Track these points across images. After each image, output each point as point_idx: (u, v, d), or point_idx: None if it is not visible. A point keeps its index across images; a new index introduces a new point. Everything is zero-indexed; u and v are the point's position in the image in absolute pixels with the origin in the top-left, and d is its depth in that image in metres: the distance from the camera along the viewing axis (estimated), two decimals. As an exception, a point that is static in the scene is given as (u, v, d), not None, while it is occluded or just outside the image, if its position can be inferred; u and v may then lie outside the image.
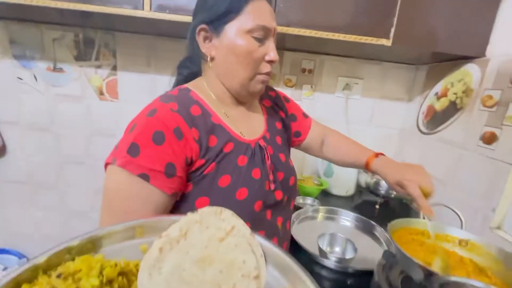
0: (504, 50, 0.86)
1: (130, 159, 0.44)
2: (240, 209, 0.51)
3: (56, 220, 1.44)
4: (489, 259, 0.58)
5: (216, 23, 0.52)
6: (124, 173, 0.44)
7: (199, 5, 0.56)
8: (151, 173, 0.45)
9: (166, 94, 0.53)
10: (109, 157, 0.46)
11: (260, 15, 0.52)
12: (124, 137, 0.47)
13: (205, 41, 0.55)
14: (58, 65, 1.24)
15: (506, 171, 0.80)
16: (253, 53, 0.53)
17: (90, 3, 0.85)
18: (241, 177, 0.53)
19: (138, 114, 0.50)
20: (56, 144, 1.32)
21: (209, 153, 0.50)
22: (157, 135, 0.45)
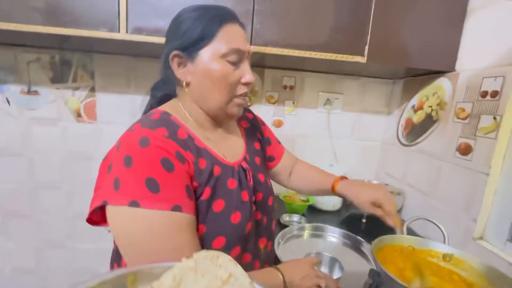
0: (471, 64, 0.91)
1: (155, 197, 0.41)
2: (236, 233, 0.53)
3: (29, 251, 1.34)
4: (473, 273, 0.57)
5: (190, 49, 0.52)
6: (155, 214, 0.41)
7: (171, 31, 0.55)
8: (181, 202, 0.44)
9: (147, 119, 0.51)
10: (117, 198, 0.41)
11: (233, 39, 0.53)
12: (123, 172, 0.42)
13: (180, 67, 0.54)
14: (33, 87, 1.20)
15: (483, 181, 0.82)
16: (229, 77, 0.53)
17: (65, 26, 0.84)
18: (234, 201, 0.53)
19: (122, 144, 0.45)
20: (29, 170, 1.26)
21: (201, 176, 0.50)
22: (165, 162, 0.44)
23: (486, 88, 0.83)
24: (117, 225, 0.43)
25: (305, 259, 0.62)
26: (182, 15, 0.54)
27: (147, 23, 0.86)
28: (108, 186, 0.43)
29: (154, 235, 0.42)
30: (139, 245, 0.42)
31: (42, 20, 0.83)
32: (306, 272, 0.56)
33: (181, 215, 0.43)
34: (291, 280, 0.54)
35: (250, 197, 0.57)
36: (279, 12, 0.89)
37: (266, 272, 0.55)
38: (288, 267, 0.57)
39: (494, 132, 0.79)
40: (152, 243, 0.42)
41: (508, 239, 0.77)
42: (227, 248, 0.51)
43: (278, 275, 0.54)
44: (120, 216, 0.42)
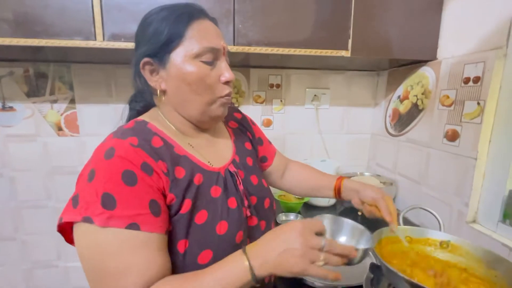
0: (452, 52, 0.92)
1: (110, 214, 0.38)
2: (222, 245, 0.49)
3: (16, 274, 1.28)
4: (469, 258, 0.58)
5: (159, 53, 0.48)
6: (108, 231, 0.39)
7: (138, 38, 0.52)
8: (139, 219, 0.40)
9: (120, 129, 0.48)
10: (72, 214, 0.39)
11: (205, 36, 0.49)
12: (84, 187, 0.40)
13: (152, 74, 0.51)
14: (7, 103, 1.14)
15: (472, 165, 0.83)
16: (206, 78, 0.50)
17: (37, 37, 0.80)
18: (218, 210, 0.50)
19: (92, 157, 0.43)
20: (11, 189, 1.20)
21: (178, 186, 0.46)
22: (126, 175, 0.40)
23: (468, 75, 0.85)
24: (75, 241, 0.41)
25: (294, 222, 0.41)
26: (148, 17, 0.50)
27: (124, 29, 0.82)
28: (69, 202, 0.41)
29: (104, 253, 0.39)
30: (90, 262, 0.40)
31: (11, 31, 0.79)
32: (290, 241, 0.39)
33: (137, 234, 0.40)
34: (264, 261, 0.39)
35: (240, 203, 0.54)
36: (260, 11, 0.88)
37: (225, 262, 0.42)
38: (262, 241, 0.42)
39: (479, 117, 0.81)
40: (102, 262, 0.39)
41: (499, 220, 0.79)
42: (215, 261, 0.47)
43: (240, 261, 0.40)
44: (75, 232, 0.41)
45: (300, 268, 0.39)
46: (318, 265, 0.39)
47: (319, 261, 0.39)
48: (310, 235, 0.40)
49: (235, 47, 0.88)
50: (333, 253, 0.41)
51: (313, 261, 0.39)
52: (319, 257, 0.39)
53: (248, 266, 0.39)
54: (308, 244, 0.39)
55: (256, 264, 0.39)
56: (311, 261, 0.39)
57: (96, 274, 0.40)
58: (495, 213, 0.80)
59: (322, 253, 0.40)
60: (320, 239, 0.40)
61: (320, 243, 0.40)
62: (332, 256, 0.40)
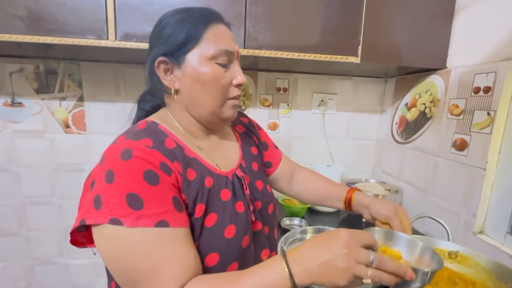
0: (462, 61, 0.92)
1: (138, 214, 0.39)
2: (230, 248, 0.49)
3: (18, 270, 1.28)
4: (479, 270, 0.57)
5: (175, 54, 0.49)
6: (138, 231, 0.39)
7: (154, 37, 0.52)
8: (166, 216, 0.41)
9: (132, 130, 0.48)
10: (97, 216, 0.39)
11: (221, 39, 0.50)
12: (105, 189, 0.40)
13: (167, 74, 0.51)
14: (17, 99, 1.15)
15: (480, 176, 0.83)
16: (220, 80, 0.51)
17: (50, 35, 0.80)
18: (228, 213, 0.50)
19: (106, 158, 0.43)
20: (16, 185, 1.20)
21: (190, 188, 0.46)
22: (148, 175, 0.41)
23: (478, 84, 0.85)
24: (100, 244, 0.41)
25: (340, 231, 0.38)
26: (164, 19, 0.51)
27: (136, 29, 0.83)
28: (89, 204, 0.40)
29: (137, 254, 0.39)
30: (122, 263, 0.40)
31: (24, 29, 0.79)
32: (334, 252, 0.36)
33: (167, 230, 0.40)
34: (305, 269, 0.37)
35: (247, 207, 0.54)
36: (271, 15, 0.88)
37: (264, 266, 0.40)
38: (303, 248, 0.39)
39: (489, 127, 0.80)
40: (136, 262, 0.39)
41: (507, 232, 0.78)
42: (222, 264, 0.48)
43: (280, 268, 0.38)
44: (101, 235, 0.40)
45: (345, 282, 0.35)
46: (365, 282, 0.35)
47: (366, 278, 0.35)
48: (356, 248, 0.37)
49: (245, 50, 0.89)
50: (383, 270, 0.36)
51: (358, 277, 0.35)
52: (366, 274, 0.35)
53: (288, 273, 0.37)
54: (353, 257, 0.36)
55: (297, 271, 0.37)
56: (356, 276, 0.35)
57: (130, 275, 0.40)
58: (503, 225, 0.79)
59: (370, 269, 0.36)
60: (368, 252, 0.36)
61: (367, 257, 0.36)
62: (382, 274, 0.36)
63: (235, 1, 0.86)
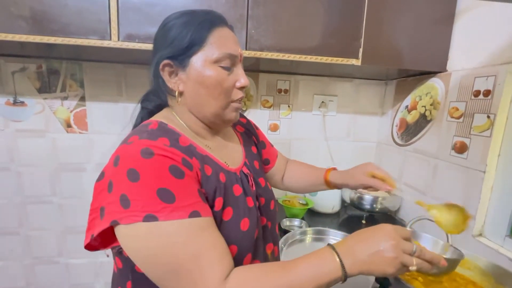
0: (463, 65, 0.93)
1: (172, 207, 0.39)
2: (246, 240, 0.51)
3: (18, 270, 1.28)
4: (478, 273, 0.58)
5: (180, 57, 0.50)
6: (174, 224, 0.39)
7: (158, 40, 0.53)
8: (197, 206, 0.42)
9: (144, 130, 0.48)
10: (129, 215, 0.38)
11: (225, 43, 0.51)
12: (131, 187, 0.39)
13: (171, 76, 0.52)
14: (19, 98, 1.15)
15: (480, 178, 0.83)
16: (223, 83, 0.51)
17: (53, 35, 0.81)
18: (241, 208, 0.52)
19: (122, 158, 0.41)
20: (17, 184, 1.20)
21: (208, 183, 0.48)
22: (174, 170, 0.42)
23: (478, 88, 0.85)
24: (131, 243, 0.41)
25: (385, 226, 0.43)
26: (168, 22, 0.52)
27: (139, 30, 0.84)
28: (114, 205, 0.39)
29: (175, 245, 0.40)
30: (162, 258, 0.40)
31: (28, 29, 0.80)
32: (383, 244, 0.40)
33: (200, 220, 0.42)
34: (355, 260, 0.40)
35: (255, 202, 0.57)
36: (273, 17, 0.89)
37: (314, 256, 0.42)
38: (351, 241, 0.42)
39: (489, 130, 0.81)
40: (175, 254, 0.40)
41: (507, 235, 0.78)
42: (239, 256, 0.49)
43: (331, 258, 0.41)
44: (135, 234, 0.40)
45: (393, 270, 0.40)
46: (411, 269, 0.40)
47: (412, 266, 0.40)
48: (401, 239, 0.41)
49: (247, 51, 0.89)
50: (423, 259, 0.41)
51: (405, 265, 0.40)
52: (412, 262, 0.40)
53: (340, 263, 0.40)
54: (400, 248, 0.40)
55: (347, 262, 0.40)
56: (404, 264, 0.40)
57: (170, 268, 0.40)
58: (502, 227, 0.79)
59: (414, 258, 0.41)
60: (411, 244, 0.41)
61: (412, 247, 0.41)
62: (423, 262, 0.41)
63: (237, 3, 0.86)
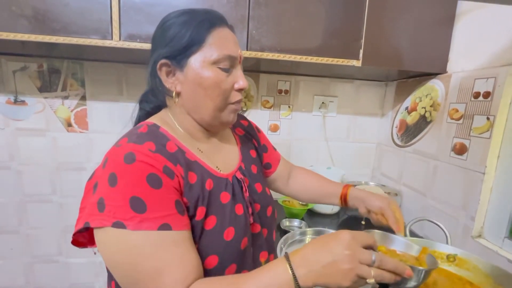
0: (462, 66, 0.93)
1: (141, 217, 0.39)
2: (229, 250, 0.49)
3: (18, 268, 1.28)
4: (477, 273, 0.58)
5: (178, 57, 0.49)
6: (141, 234, 0.39)
7: (157, 38, 0.51)
8: (169, 219, 0.41)
9: (134, 132, 0.48)
10: (101, 219, 0.39)
11: (224, 44, 0.50)
12: (108, 192, 0.40)
13: (168, 76, 0.51)
14: (20, 97, 1.15)
15: (479, 180, 0.83)
16: (222, 84, 0.50)
17: (54, 34, 0.81)
18: (227, 216, 0.50)
19: (108, 161, 0.42)
20: (17, 182, 1.20)
21: (191, 192, 0.47)
22: (151, 179, 0.41)
23: (478, 89, 0.85)
24: (102, 246, 0.41)
25: (342, 233, 0.39)
26: (167, 21, 0.50)
27: (140, 30, 0.84)
28: (92, 206, 0.40)
29: (138, 257, 0.39)
30: (125, 266, 0.40)
31: (30, 28, 0.80)
32: (337, 254, 0.37)
33: (170, 233, 0.40)
34: (308, 271, 0.37)
35: (246, 209, 0.55)
36: (274, 18, 0.89)
37: (267, 269, 0.40)
38: (307, 250, 0.39)
39: (488, 132, 0.81)
40: (137, 266, 0.39)
41: (506, 236, 0.78)
42: (220, 267, 0.48)
43: (283, 270, 0.38)
44: (104, 238, 0.40)
45: (349, 283, 0.36)
46: (368, 282, 0.36)
47: (370, 278, 0.36)
48: (358, 248, 0.37)
49: (248, 52, 0.89)
50: (384, 269, 0.37)
51: (362, 277, 0.36)
52: (369, 274, 0.36)
53: (292, 275, 0.37)
54: (356, 258, 0.36)
55: (300, 274, 0.37)
56: (360, 276, 0.36)
57: (133, 278, 0.40)
58: (501, 229, 0.80)
59: (373, 268, 0.37)
60: (370, 253, 0.37)
61: (370, 257, 0.37)
62: (384, 273, 0.37)
63: (239, 3, 0.87)
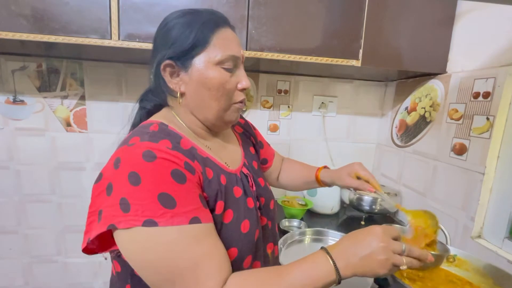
0: (462, 66, 0.93)
1: (172, 212, 0.39)
2: (246, 242, 0.50)
3: (16, 268, 1.28)
4: (477, 274, 0.58)
5: (182, 58, 0.49)
6: (173, 230, 0.39)
7: (160, 38, 0.51)
8: (198, 213, 0.42)
9: (145, 131, 0.47)
10: (129, 219, 0.38)
11: (228, 45, 0.50)
12: (132, 191, 0.39)
13: (172, 77, 0.51)
14: (18, 97, 1.15)
15: (479, 180, 0.83)
16: (226, 85, 0.51)
17: (53, 34, 0.81)
18: (241, 209, 0.52)
19: (125, 161, 0.41)
20: (16, 182, 1.20)
21: (210, 187, 0.47)
22: (176, 174, 0.41)
23: (478, 89, 0.85)
24: (130, 247, 0.40)
25: (375, 228, 0.43)
26: (170, 21, 0.50)
27: (139, 29, 0.84)
28: (113, 208, 0.39)
29: (174, 253, 0.39)
30: (160, 263, 0.39)
31: (29, 27, 0.80)
32: (373, 246, 0.41)
33: (200, 226, 0.41)
34: (347, 263, 0.41)
35: (255, 203, 0.56)
36: (273, 18, 0.89)
37: (308, 260, 0.43)
38: (344, 245, 0.43)
39: (488, 132, 0.81)
40: (173, 262, 0.39)
41: (506, 237, 0.78)
42: (239, 259, 0.49)
43: (325, 261, 0.41)
44: (133, 239, 0.39)
45: (385, 271, 0.41)
46: (402, 268, 0.42)
47: (403, 265, 0.41)
48: (390, 240, 0.42)
49: (248, 52, 0.89)
50: (412, 256, 0.43)
51: (396, 265, 0.41)
52: (402, 261, 0.41)
53: (334, 266, 0.41)
54: (390, 249, 0.41)
55: (341, 265, 0.41)
56: (395, 264, 0.41)
57: (169, 275, 0.40)
58: (501, 229, 0.79)
59: (404, 257, 0.42)
60: (400, 244, 0.42)
61: (401, 247, 0.42)
62: (412, 260, 0.43)
63: (238, 3, 0.86)
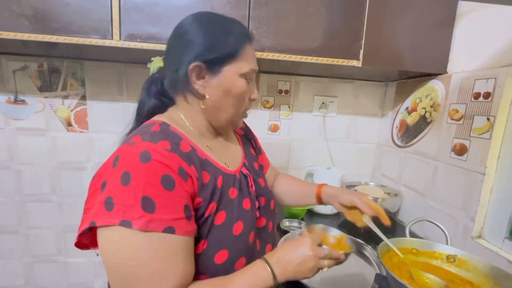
0: (462, 67, 0.93)
1: (150, 217, 0.39)
2: (238, 244, 0.51)
3: (16, 268, 1.28)
4: (477, 274, 0.58)
5: (214, 63, 0.51)
6: (145, 235, 0.39)
7: (193, 37, 0.50)
8: (175, 223, 0.41)
9: (147, 131, 0.48)
10: (108, 218, 0.39)
11: (252, 59, 0.55)
12: (119, 190, 0.39)
13: (198, 78, 0.51)
14: (20, 97, 1.15)
15: (480, 180, 0.83)
16: (245, 95, 0.55)
17: (55, 34, 0.81)
18: (235, 211, 0.52)
19: (121, 159, 0.42)
20: (17, 182, 1.20)
21: (205, 191, 0.48)
22: (165, 180, 0.41)
23: (478, 90, 0.85)
24: (104, 245, 0.41)
25: (305, 239, 0.50)
26: (206, 21, 0.51)
27: (140, 29, 0.84)
28: (99, 206, 0.40)
29: (139, 258, 0.39)
30: (122, 268, 0.40)
31: (30, 27, 0.80)
32: (305, 255, 0.48)
33: (172, 237, 0.41)
34: (283, 270, 0.47)
35: (253, 204, 0.57)
36: (274, 18, 0.89)
37: (249, 269, 0.47)
38: (279, 254, 0.49)
39: (488, 132, 0.81)
40: (134, 267, 0.40)
41: (506, 237, 0.78)
42: (230, 261, 0.49)
43: (264, 269, 0.47)
44: (108, 237, 0.40)
45: (312, 274, 0.49)
46: (323, 271, 0.51)
47: (325, 268, 0.50)
48: (317, 249, 0.50)
49: (248, 52, 0.89)
50: (331, 258, 0.51)
51: (321, 268, 0.50)
52: (325, 265, 0.50)
53: (271, 273, 0.46)
54: (317, 256, 0.49)
55: (277, 272, 0.47)
56: (320, 268, 0.50)
57: (126, 280, 0.40)
58: (501, 229, 0.79)
59: (326, 260, 0.50)
60: (323, 249, 0.50)
61: (324, 253, 0.50)
62: (330, 261, 0.51)
63: (239, 4, 0.87)
